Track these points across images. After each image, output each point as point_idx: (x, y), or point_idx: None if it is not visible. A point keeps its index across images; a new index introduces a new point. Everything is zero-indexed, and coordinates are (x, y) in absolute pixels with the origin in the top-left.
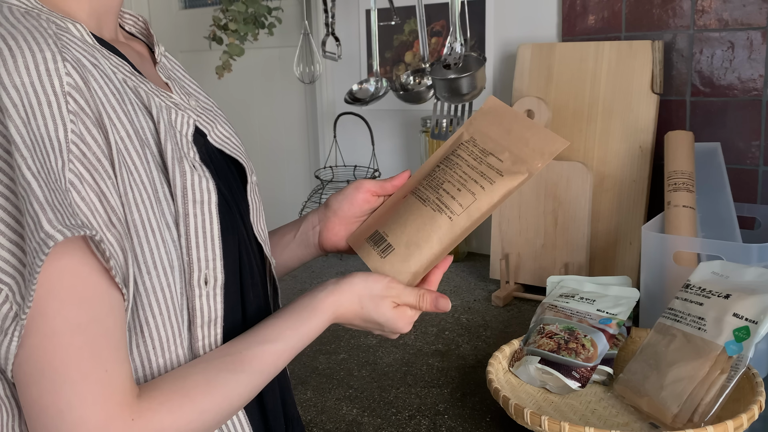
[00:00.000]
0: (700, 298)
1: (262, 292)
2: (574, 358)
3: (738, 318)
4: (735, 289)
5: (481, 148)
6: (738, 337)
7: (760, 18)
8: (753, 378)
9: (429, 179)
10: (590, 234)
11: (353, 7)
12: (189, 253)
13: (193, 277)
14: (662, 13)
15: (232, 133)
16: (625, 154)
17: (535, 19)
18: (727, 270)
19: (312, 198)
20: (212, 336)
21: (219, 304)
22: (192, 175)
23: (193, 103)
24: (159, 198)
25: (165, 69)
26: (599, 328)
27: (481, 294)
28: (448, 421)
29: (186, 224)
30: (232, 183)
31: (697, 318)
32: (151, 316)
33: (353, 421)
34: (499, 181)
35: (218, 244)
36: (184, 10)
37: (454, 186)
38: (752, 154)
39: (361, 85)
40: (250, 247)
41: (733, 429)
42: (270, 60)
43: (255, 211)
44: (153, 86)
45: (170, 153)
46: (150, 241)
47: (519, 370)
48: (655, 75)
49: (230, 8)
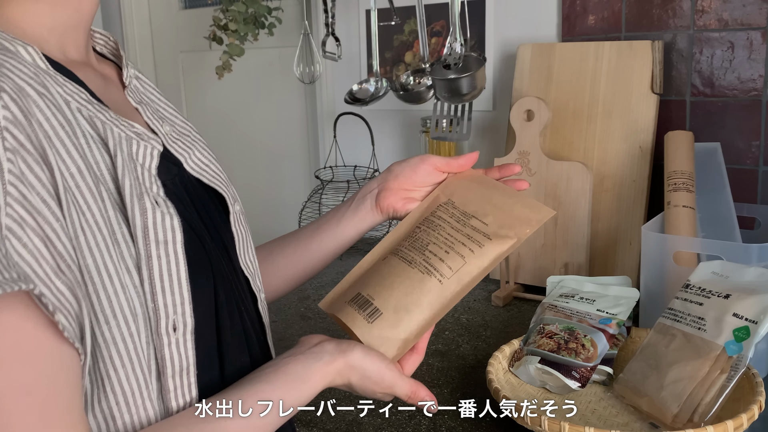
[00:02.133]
0: (700, 298)
1: (251, 328)
2: (574, 358)
3: (738, 318)
4: (735, 289)
5: (462, 210)
6: (738, 337)
7: (760, 18)
8: (753, 378)
9: (411, 240)
10: (590, 234)
11: (353, 7)
12: (154, 299)
13: (160, 324)
14: (662, 13)
15: (212, 160)
16: (625, 154)
17: (535, 19)
18: (727, 270)
19: (312, 198)
20: (185, 386)
21: (190, 351)
22: (154, 212)
23: (167, 128)
24: (117, 240)
25: (136, 92)
26: (599, 328)
27: (481, 294)
28: (448, 421)
29: (149, 267)
30: (214, 213)
31: (697, 318)
32: (113, 369)
33: (353, 421)
34: (488, 245)
35: (186, 286)
36: (184, 10)
37: (441, 248)
38: (752, 154)
39: (361, 85)
40: (236, 281)
41: (733, 429)
42: (270, 60)
43: (241, 242)
44: (112, 115)
45: (128, 189)
46: (107, 288)
47: (519, 370)
48: (655, 75)
49: (230, 8)
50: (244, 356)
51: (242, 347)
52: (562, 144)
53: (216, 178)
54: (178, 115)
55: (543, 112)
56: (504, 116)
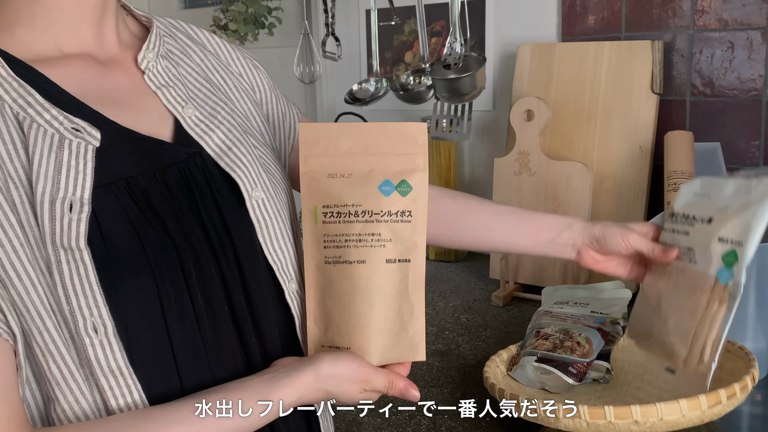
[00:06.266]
0: (685, 227)
1: (269, 321)
2: (570, 354)
3: (724, 243)
4: (717, 210)
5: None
6: (728, 263)
7: (760, 18)
8: (747, 356)
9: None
10: None
11: (353, 7)
12: (69, 302)
13: (79, 325)
14: (662, 13)
15: (235, 142)
16: (625, 154)
17: (535, 19)
18: (708, 187)
19: None
20: (122, 386)
21: (117, 352)
22: (62, 219)
23: (190, 111)
24: (30, 241)
25: (161, 75)
26: (594, 327)
27: (481, 294)
28: (448, 421)
29: (59, 272)
30: (229, 200)
31: (687, 249)
32: (42, 357)
33: (353, 420)
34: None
35: (98, 290)
36: (184, 10)
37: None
38: (752, 154)
39: (361, 85)
40: (255, 269)
41: (725, 398)
42: (270, 60)
43: (265, 229)
44: (53, 114)
45: (40, 195)
46: (17, 285)
47: (517, 373)
48: (654, 75)
49: (230, 8)
50: (227, 355)
51: (224, 347)
52: (562, 144)
53: (235, 162)
54: (213, 94)
55: (543, 112)
56: (504, 116)
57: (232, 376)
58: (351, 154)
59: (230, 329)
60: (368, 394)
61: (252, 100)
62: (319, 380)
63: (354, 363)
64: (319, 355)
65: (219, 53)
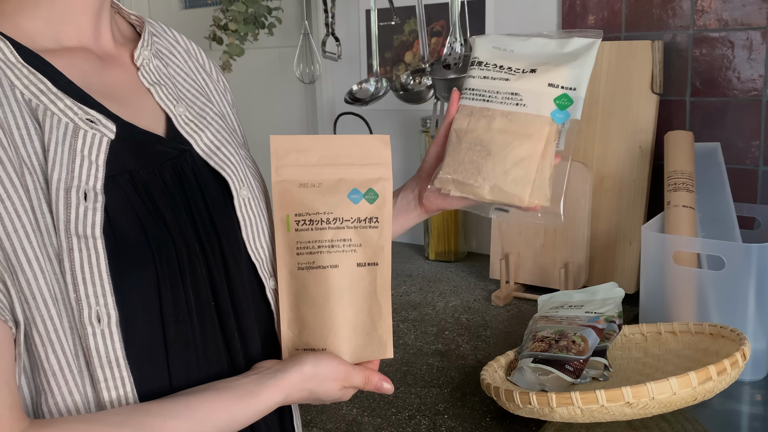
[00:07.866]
0: (502, 74)
1: (253, 318)
2: (566, 353)
3: (554, 87)
4: (537, 63)
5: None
6: (561, 105)
7: (760, 18)
8: (738, 336)
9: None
10: (590, 234)
11: (353, 7)
12: (76, 290)
13: (83, 314)
14: (662, 13)
15: (224, 143)
16: (625, 154)
17: (535, 20)
18: (506, 43)
19: None
20: (116, 378)
21: (117, 343)
22: (78, 207)
23: (181, 109)
24: (40, 228)
25: (153, 73)
26: (588, 326)
27: (481, 294)
28: (448, 421)
29: (71, 259)
30: (218, 198)
31: (511, 94)
32: (35, 347)
33: (353, 420)
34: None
35: (107, 279)
36: (184, 10)
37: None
38: (752, 154)
39: (361, 85)
40: (239, 266)
41: (716, 373)
42: (270, 60)
43: (250, 228)
44: (67, 103)
45: (56, 182)
46: (26, 272)
47: (515, 377)
48: (654, 75)
49: (230, 8)
50: (221, 350)
51: (209, 344)
52: None
53: (224, 162)
54: (200, 95)
55: None
56: None
57: (217, 371)
58: (321, 164)
59: (215, 324)
60: (346, 390)
61: (228, 104)
62: (303, 380)
63: (334, 362)
64: (301, 356)
65: (197, 57)
